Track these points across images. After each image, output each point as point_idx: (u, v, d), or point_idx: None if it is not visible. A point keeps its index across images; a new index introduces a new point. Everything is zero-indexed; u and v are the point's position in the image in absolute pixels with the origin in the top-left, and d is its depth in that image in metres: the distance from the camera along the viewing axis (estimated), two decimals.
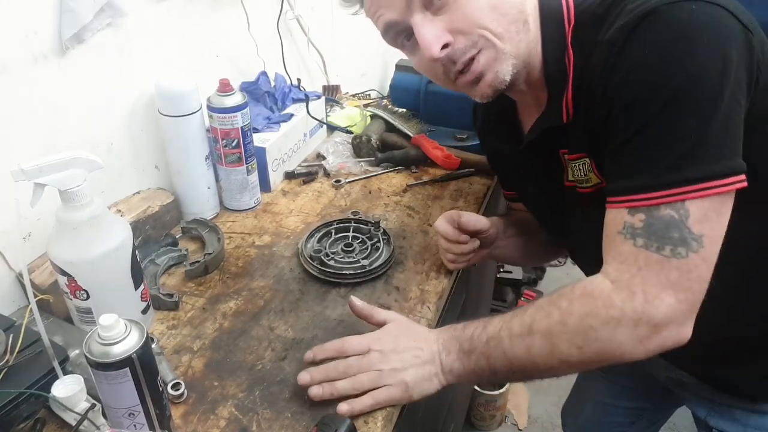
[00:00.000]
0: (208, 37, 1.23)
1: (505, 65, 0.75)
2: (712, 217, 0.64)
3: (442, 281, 1.01)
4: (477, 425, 2.07)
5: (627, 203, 0.67)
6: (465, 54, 0.74)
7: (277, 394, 0.79)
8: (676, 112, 0.63)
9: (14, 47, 0.85)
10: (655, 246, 0.65)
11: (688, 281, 0.64)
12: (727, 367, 0.87)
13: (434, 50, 0.73)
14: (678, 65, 0.63)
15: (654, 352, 0.67)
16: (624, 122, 0.67)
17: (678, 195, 0.64)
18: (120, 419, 0.67)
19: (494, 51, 0.74)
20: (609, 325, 0.67)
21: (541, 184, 0.90)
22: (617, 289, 0.67)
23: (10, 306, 0.91)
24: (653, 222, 0.65)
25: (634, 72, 0.65)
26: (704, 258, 0.64)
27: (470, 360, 0.76)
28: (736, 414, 0.89)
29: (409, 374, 0.77)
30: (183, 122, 1.06)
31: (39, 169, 0.73)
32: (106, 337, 0.63)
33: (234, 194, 1.18)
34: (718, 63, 0.62)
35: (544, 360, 0.71)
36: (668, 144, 0.64)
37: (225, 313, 0.94)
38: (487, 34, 0.73)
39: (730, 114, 0.63)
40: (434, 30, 0.73)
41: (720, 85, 0.62)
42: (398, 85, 1.52)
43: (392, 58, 1.67)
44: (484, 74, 0.75)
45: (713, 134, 0.63)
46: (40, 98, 0.90)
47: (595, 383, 1.24)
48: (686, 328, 0.67)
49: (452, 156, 1.32)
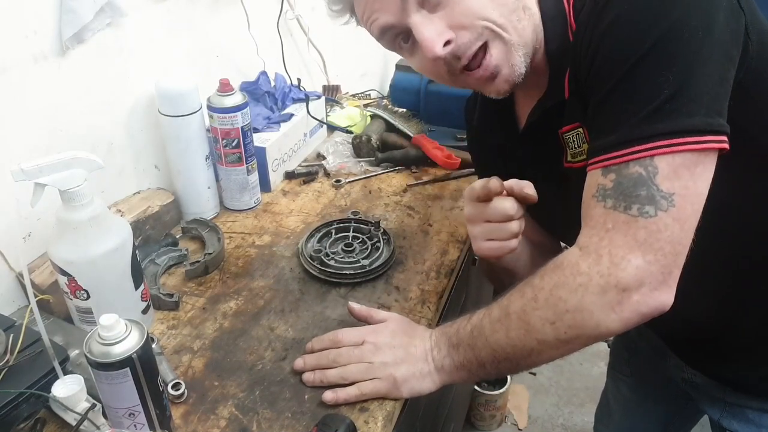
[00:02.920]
0: (208, 37, 1.23)
1: (518, 57, 0.72)
2: (684, 175, 0.61)
3: (442, 281, 1.01)
4: (477, 425, 2.07)
5: (601, 163, 0.64)
6: (470, 47, 0.72)
7: (277, 394, 0.79)
8: (653, 65, 0.61)
9: (14, 47, 0.85)
10: (623, 206, 0.62)
11: (657, 242, 0.61)
12: (737, 364, 0.86)
13: (437, 48, 0.70)
14: (658, 17, 0.61)
15: (630, 320, 0.64)
16: (603, 77, 0.65)
17: (647, 151, 0.61)
18: (120, 419, 0.67)
19: (503, 43, 0.72)
20: (577, 294, 0.64)
21: (540, 171, 0.85)
22: (584, 255, 0.65)
23: (10, 306, 0.91)
24: (622, 181, 0.62)
25: (614, 25, 0.64)
26: (676, 218, 0.61)
27: (459, 354, 0.75)
28: (749, 414, 0.88)
29: (400, 370, 0.77)
30: (183, 122, 1.06)
31: (39, 169, 0.73)
32: (106, 337, 0.63)
33: (234, 194, 1.18)
34: (700, 19, 0.61)
35: (523, 342, 0.69)
36: (642, 98, 0.62)
37: (225, 313, 0.94)
38: (491, 25, 0.70)
39: (710, 72, 0.61)
40: (434, 28, 0.71)
41: (701, 41, 0.60)
42: (398, 85, 1.52)
43: (392, 58, 1.67)
44: (500, 69, 0.73)
45: (690, 90, 0.60)
46: (40, 98, 0.90)
47: (622, 387, 1.22)
48: (662, 293, 0.63)
49: (452, 156, 1.32)
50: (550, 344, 0.68)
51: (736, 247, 0.76)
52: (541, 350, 0.69)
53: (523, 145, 0.86)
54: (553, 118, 0.77)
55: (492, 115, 0.91)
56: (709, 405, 0.94)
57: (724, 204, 0.65)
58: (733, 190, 0.69)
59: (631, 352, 1.15)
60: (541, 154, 0.83)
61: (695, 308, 0.80)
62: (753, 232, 0.75)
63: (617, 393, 1.25)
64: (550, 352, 0.69)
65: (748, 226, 0.74)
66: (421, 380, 0.77)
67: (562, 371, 2.30)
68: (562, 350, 0.69)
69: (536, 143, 0.83)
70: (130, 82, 1.05)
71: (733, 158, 0.63)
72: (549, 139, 0.79)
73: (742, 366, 0.86)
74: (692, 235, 0.63)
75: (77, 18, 0.90)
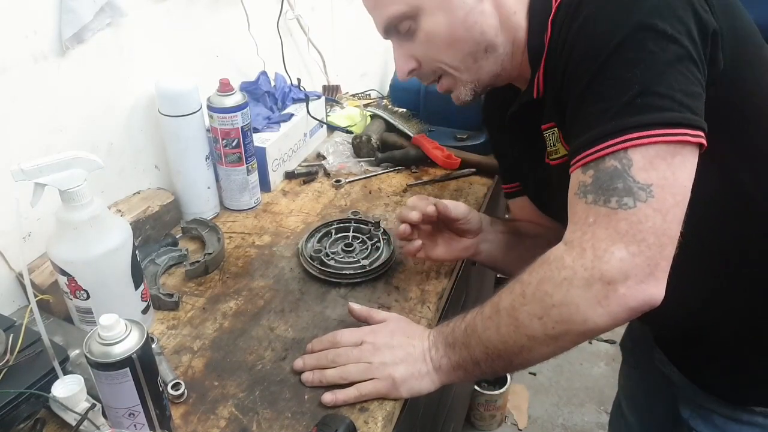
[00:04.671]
0: (208, 37, 1.23)
1: (464, 90, 0.84)
2: (661, 166, 0.61)
3: (442, 281, 1.01)
4: (477, 425, 2.07)
5: (581, 162, 0.66)
6: (428, 78, 0.86)
7: (277, 394, 0.79)
8: (622, 62, 0.62)
9: (14, 47, 0.85)
10: (603, 199, 0.63)
11: (639, 233, 0.61)
12: (712, 367, 0.86)
13: (402, 73, 0.85)
14: (626, 15, 0.62)
15: (618, 315, 0.63)
16: (576, 79, 0.66)
17: (620, 144, 0.62)
18: (120, 419, 0.67)
19: (452, 79, 0.83)
20: (562, 287, 0.65)
21: (529, 163, 0.90)
22: (569, 249, 0.65)
23: (10, 306, 0.91)
24: (600, 176, 0.63)
25: (585, 25, 0.65)
26: (656, 209, 0.61)
27: (455, 353, 0.76)
28: (716, 420, 0.88)
29: (399, 370, 0.77)
30: (183, 122, 1.06)
31: (39, 169, 0.73)
32: (106, 337, 0.63)
33: (234, 194, 1.18)
34: (666, 17, 0.61)
35: (513, 339, 0.70)
36: (613, 95, 0.63)
37: (225, 313, 0.94)
38: (443, 66, 0.82)
39: (680, 70, 0.62)
40: (403, 55, 0.83)
41: (668, 40, 0.61)
42: (398, 85, 1.52)
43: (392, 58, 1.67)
44: (450, 91, 0.86)
45: (660, 86, 0.61)
46: (40, 98, 0.90)
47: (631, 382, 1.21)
48: (649, 286, 0.62)
49: (452, 156, 1.32)
50: (539, 340, 0.68)
51: (720, 245, 0.76)
52: (532, 347, 0.69)
53: (515, 138, 0.90)
54: (535, 115, 0.80)
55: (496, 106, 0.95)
56: (682, 404, 0.94)
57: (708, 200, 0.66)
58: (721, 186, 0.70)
59: (634, 342, 1.16)
60: (529, 149, 0.87)
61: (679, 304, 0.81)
62: (738, 231, 0.75)
63: (626, 387, 1.24)
64: (540, 349, 0.69)
65: (733, 224, 0.75)
66: (420, 380, 0.77)
67: (562, 371, 2.30)
68: (552, 347, 0.69)
69: (523, 137, 0.86)
70: (130, 82, 1.05)
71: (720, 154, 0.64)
72: (533, 135, 0.82)
73: (716, 370, 0.86)
74: (679, 227, 0.63)
75: (77, 18, 0.90)
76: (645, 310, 0.64)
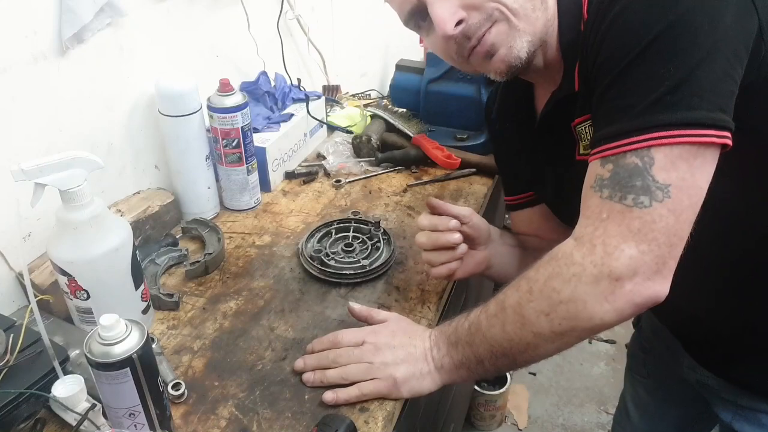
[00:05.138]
0: (208, 37, 1.23)
1: (520, 41, 0.73)
2: (682, 167, 0.60)
3: (442, 281, 1.01)
4: (477, 425, 2.07)
5: (600, 154, 0.64)
6: (480, 28, 0.72)
7: (277, 394, 0.79)
8: (655, 58, 0.61)
9: (14, 47, 0.85)
10: (618, 195, 0.62)
11: (651, 232, 0.61)
12: (750, 366, 0.85)
13: (448, 27, 0.71)
14: (663, 10, 0.61)
15: (624, 310, 0.64)
16: (606, 69, 0.65)
17: (644, 141, 0.61)
18: (120, 419, 0.67)
19: (507, 25, 0.73)
20: (570, 284, 0.64)
21: (555, 164, 0.87)
22: (579, 245, 0.65)
23: (10, 306, 0.91)
24: (619, 171, 0.62)
25: (620, 17, 0.64)
26: (671, 209, 0.61)
27: (457, 352, 0.76)
28: (762, 418, 0.86)
29: (400, 370, 0.77)
30: (183, 122, 1.06)
31: (39, 169, 0.73)
32: (106, 337, 0.63)
33: (234, 194, 1.18)
34: (706, 14, 0.60)
35: (519, 336, 0.69)
36: (643, 90, 0.62)
37: (225, 313, 0.94)
38: (502, 8, 0.71)
39: (715, 68, 0.60)
40: (448, 6, 0.71)
41: (706, 36, 0.60)
42: (398, 85, 1.52)
43: (392, 58, 1.67)
44: (496, 48, 0.74)
45: (692, 83, 0.60)
46: (40, 98, 0.90)
47: (639, 389, 1.21)
48: (656, 284, 0.62)
49: (452, 156, 1.32)
50: (545, 337, 0.68)
51: (749, 246, 0.75)
52: (537, 344, 0.69)
53: (539, 138, 0.87)
54: (565, 111, 0.77)
55: (511, 108, 0.93)
56: (721, 407, 0.92)
57: (734, 202, 0.65)
58: (744, 187, 0.69)
59: (646, 353, 1.15)
60: (555, 148, 0.84)
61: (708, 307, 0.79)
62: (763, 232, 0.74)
63: (635, 395, 1.23)
64: (546, 346, 0.69)
65: (759, 226, 0.74)
66: (421, 380, 0.77)
67: (562, 371, 2.30)
68: (557, 343, 0.69)
69: (551, 136, 0.84)
70: (130, 82, 1.05)
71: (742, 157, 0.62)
72: (562, 133, 0.80)
73: (755, 368, 0.85)
74: (690, 227, 0.63)
75: (77, 18, 0.90)
76: (649, 306, 0.64)
